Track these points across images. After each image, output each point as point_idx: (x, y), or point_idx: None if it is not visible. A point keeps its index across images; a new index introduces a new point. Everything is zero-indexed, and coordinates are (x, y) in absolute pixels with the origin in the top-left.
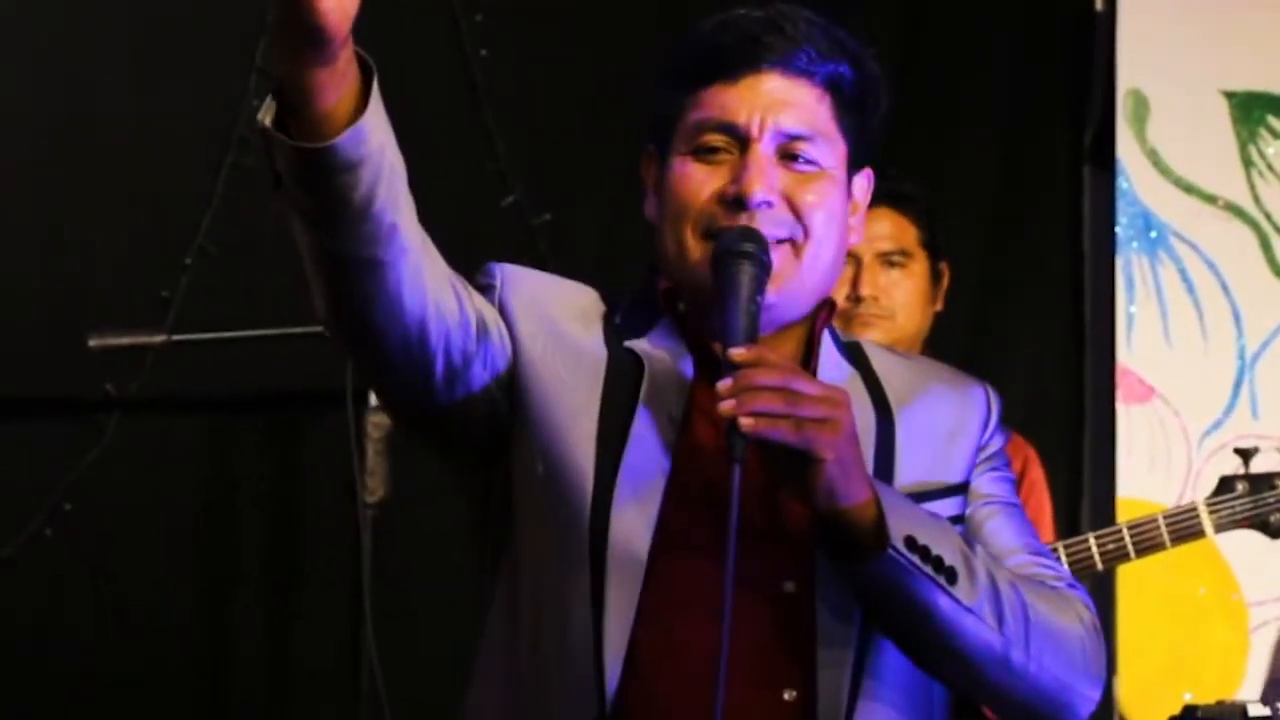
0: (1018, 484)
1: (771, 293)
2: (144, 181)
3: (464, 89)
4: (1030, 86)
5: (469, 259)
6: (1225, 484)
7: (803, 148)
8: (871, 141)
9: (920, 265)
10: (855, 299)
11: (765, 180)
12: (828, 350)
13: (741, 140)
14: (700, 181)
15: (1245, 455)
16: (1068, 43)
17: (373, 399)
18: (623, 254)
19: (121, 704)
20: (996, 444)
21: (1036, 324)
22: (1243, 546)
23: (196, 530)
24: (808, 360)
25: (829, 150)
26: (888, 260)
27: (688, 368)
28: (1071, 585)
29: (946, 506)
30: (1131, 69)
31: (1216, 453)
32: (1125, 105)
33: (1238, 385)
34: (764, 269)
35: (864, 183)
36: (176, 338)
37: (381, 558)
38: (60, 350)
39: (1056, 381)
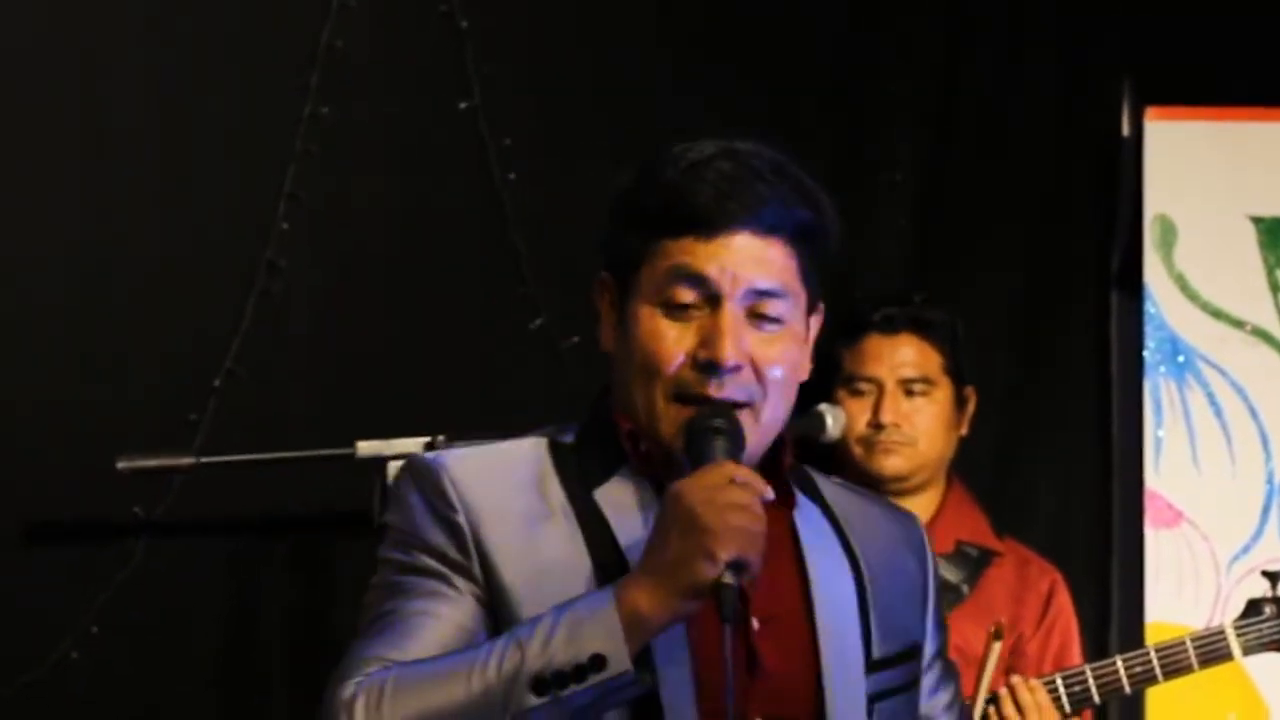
0: (1044, 608)
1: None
2: (173, 305)
3: (492, 213)
4: (1057, 212)
5: (498, 382)
6: (1253, 607)
7: (770, 306)
8: (825, 279)
9: (944, 392)
10: (876, 425)
11: (736, 344)
12: (798, 495)
13: (713, 297)
14: (672, 341)
15: (1274, 578)
16: (1093, 168)
17: None
18: None
19: None
20: (935, 585)
21: (1064, 448)
22: (1273, 672)
23: (223, 653)
24: (780, 500)
25: (793, 305)
26: (909, 387)
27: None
28: None
29: (905, 672)
30: (1158, 194)
31: (1245, 577)
32: (1152, 230)
33: (1266, 509)
34: (736, 443)
35: (817, 320)
36: (204, 460)
37: None
38: (88, 472)
39: (1084, 506)
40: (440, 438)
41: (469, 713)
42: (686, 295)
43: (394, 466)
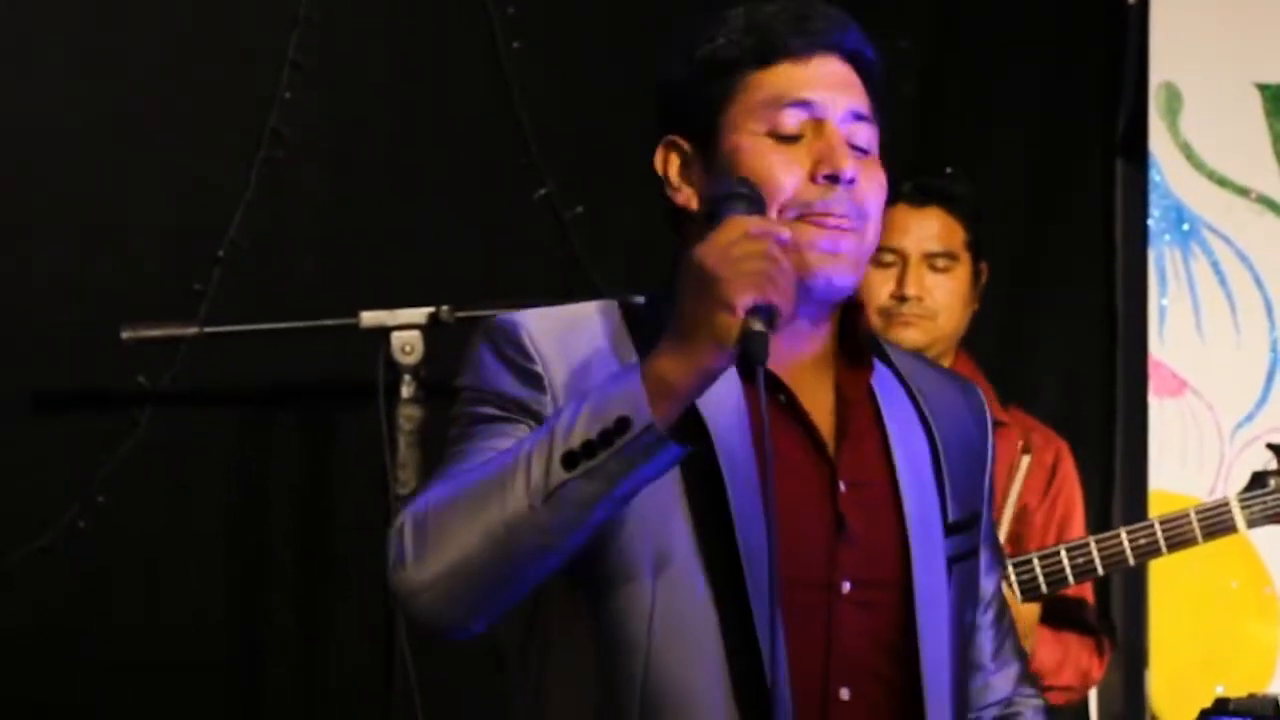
0: (1050, 478)
1: (839, 273)
2: (177, 175)
3: (496, 82)
4: (1062, 80)
5: (502, 252)
6: (1257, 479)
7: (862, 132)
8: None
9: (964, 268)
10: (900, 298)
11: (850, 156)
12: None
13: (817, 119)
14: (786, 165)
15: (1278, 450)
16: (1099, 36)
17: (405, 391)
18: (655, 246)
19: (154, 694)
20: (992, 454)
21: (1069, 317)
22: (1276, 541)
23: (229, 521)
24: (857, 359)
25: (874, 134)
26: (933, 261)
27: (735, 383)
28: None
29: (971, 538)
30: (1164, 62)
31: (1249, 445)
32: (1158, 98)
33: (1270, 377)
34: (757, 207)
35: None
36: (209, 330)
37: None
38: (93, 342)
39: (1088, 375)
40: (444, 308)
41: (508, 504)
42: (794, 119)
43: (397, 337)
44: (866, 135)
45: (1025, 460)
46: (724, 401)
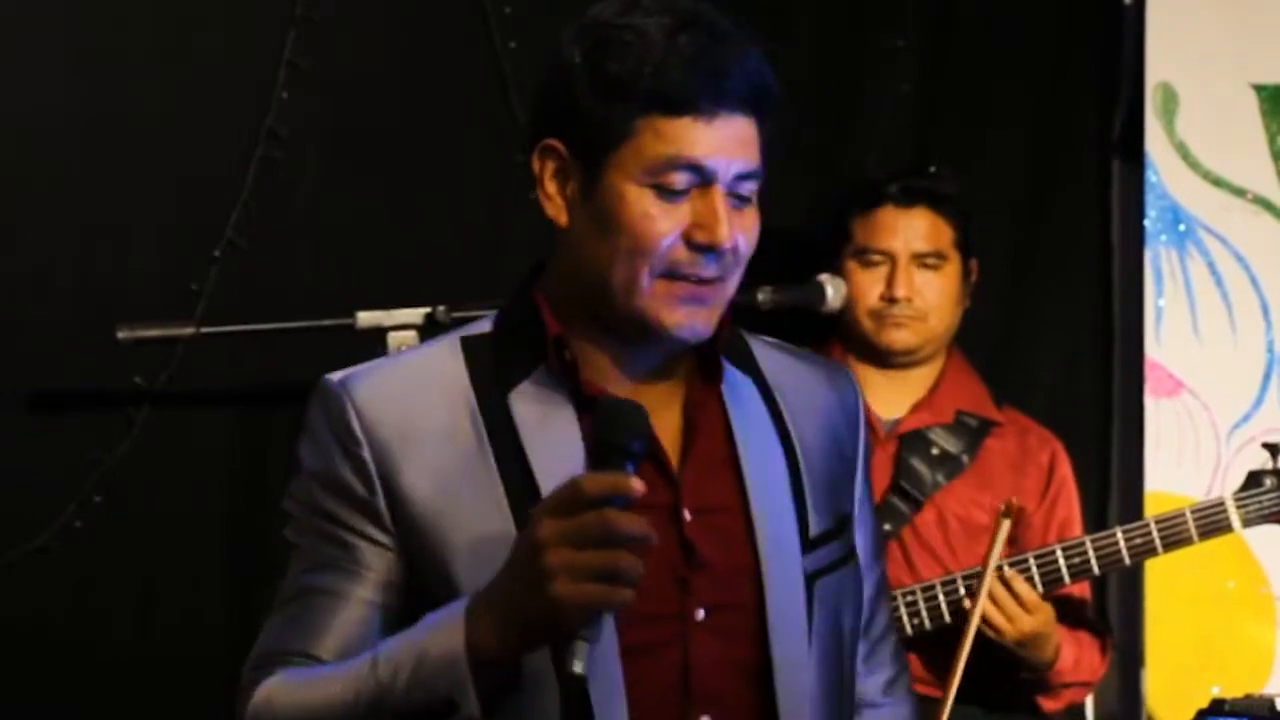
0: (1047, 480)
1: (702, 325)
2: (173, 174)
3: (493, 81)
4: (1059, 80)
5: (497, 252)
6: (1253, 479)
7: (748, 186)
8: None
9: (954, 266)
10: (889, 300)
11: (729, 225)
12: (730, 370)
13: (705, 180)
14: (665, 223)
15: (1274, 450)
16: (1096, 36)
17: None
18: None
19: (150, 694)
20: (864, 447)
21: (1065, 317)
22: (1272, 541)
23: (226, 522)
24: (710, 376)
25: (758, 183)
26: (923, 262)
27: (572, 423)
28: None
29: (842, 545)
30: (1160, 62)
31: (1245, 446)
32: (1154, 98)
33: (1267, 378)
34: (638, 455)
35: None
36: (205, 330)
37: None
38: (89, 342)
39: (1085, 375)
40: (440, 308)
41: None
42: (684, 180)
43: (394, 337)
44: (750, 187)
45: (1006, 525)
46: (558, 440)
